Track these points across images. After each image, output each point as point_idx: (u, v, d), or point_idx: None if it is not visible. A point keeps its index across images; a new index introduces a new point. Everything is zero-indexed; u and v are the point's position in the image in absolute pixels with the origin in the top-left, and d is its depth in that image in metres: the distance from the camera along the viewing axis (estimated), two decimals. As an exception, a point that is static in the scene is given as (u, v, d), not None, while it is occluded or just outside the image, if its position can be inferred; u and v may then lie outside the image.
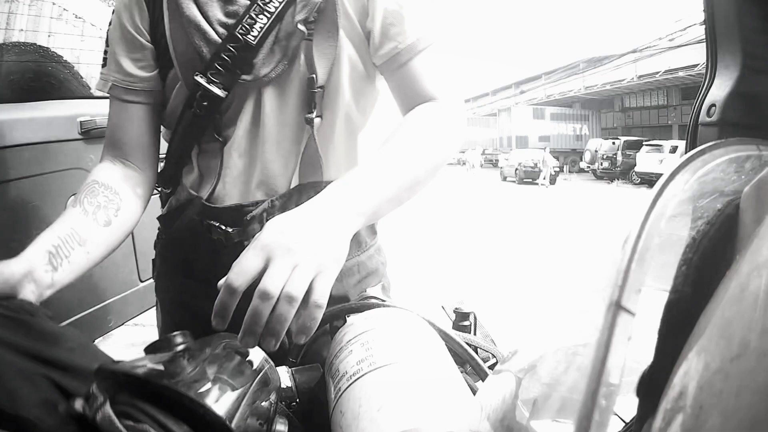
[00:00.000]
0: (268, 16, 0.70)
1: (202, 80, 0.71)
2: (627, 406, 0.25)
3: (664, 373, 0.20)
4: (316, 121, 0.74)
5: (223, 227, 0.75)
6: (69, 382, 0.45)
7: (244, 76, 0.72)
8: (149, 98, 0.78)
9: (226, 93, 0.72)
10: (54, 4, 1.45)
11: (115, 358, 0.48)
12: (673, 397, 0.19)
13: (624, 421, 0.32)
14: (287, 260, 0.45)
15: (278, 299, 0.44)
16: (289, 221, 0.50)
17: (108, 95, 0.79)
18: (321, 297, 0.46)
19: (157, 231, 0.89)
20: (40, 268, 0.59)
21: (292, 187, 0.76)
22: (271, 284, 0.44)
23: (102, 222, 0.69)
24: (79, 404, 0.41)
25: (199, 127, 0.75)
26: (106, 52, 0.79)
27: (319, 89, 0.73)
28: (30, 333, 0.49)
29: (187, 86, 0.74)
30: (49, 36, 1.44)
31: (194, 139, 0.77)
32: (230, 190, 0.76)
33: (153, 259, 0.90)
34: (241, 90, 0.73)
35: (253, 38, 0.70)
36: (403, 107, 0.75)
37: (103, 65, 0.79)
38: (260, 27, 0.70)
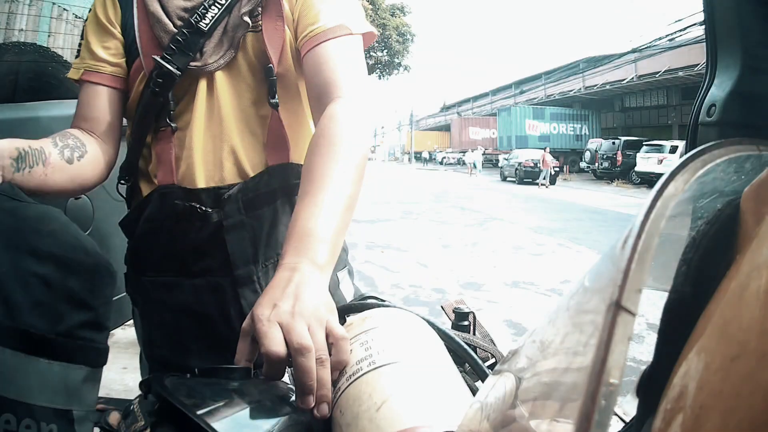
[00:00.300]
0: (219, 7, 0.80)
1: (158, 58, 0.80)
2: (627, 406, 0.25)
3: (664, 373, 0.20)
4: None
5: (203, 207, 0.80)
6: (50, 273, 0.45)
7: (194, 63, 0.80)
8: (116, 83, 0.85)
9: (179, 73, 0.80)
10: (54, 4, 1.45)
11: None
12: (673, 397, 0.19)
13: (624, 421, 0.32)
14: (299, 321, 0.48)
15: None
16: (276, 295, 0.51)
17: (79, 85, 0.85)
18: (339, 330, 0.48)
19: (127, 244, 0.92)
20: (7, 160, 0.64)
21: (261, 169, 0.83)
22: (303, 338, 0.46)
23: (66, 158, 0.75)
24: (114, 419, 0.40)
25: (155, 107, 0.82)
26: (80, 45, 0.87)
27: (275, 77, 0.80)
28: (15, 217, 0.49)
29: (146, 69, 0.82)
30: (49, 36, 1.44)
31: (151, 120, 0.83)
32: (194, 171, 0.81)
33: (125, 273, 0.91)
34: (193, 76, 0.81)
35: (204, 25, 0.80)
36: (312, 96, 0.79)
37: (77, 57, 0.87)
38: (211, 16, 0.80)
